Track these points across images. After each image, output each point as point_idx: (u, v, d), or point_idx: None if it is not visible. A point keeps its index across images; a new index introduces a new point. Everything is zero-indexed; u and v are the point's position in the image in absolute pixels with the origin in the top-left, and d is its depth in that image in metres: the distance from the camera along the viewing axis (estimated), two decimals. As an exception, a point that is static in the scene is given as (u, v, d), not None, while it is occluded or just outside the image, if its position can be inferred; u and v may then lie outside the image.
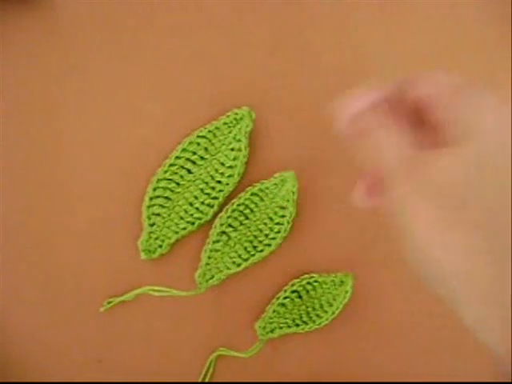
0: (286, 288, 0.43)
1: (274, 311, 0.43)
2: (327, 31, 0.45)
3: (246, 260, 0.43)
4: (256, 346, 0.43)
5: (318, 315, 0.43)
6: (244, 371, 0.44)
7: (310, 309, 0.43)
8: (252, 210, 0.43)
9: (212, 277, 0.43)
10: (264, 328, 0.43)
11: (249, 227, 0.43)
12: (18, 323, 0.42)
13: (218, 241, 0.43)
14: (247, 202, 0.43)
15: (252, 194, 0.43)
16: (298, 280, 0.43)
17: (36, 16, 0.43)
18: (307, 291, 0.43)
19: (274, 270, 0.44)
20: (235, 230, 0.43)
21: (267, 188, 0.43)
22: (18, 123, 0.43)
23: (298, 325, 0.43)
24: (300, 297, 0.43)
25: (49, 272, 0.43)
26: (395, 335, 0.44)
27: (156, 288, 0.43)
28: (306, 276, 0.43)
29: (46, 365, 0.43)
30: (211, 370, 0.43)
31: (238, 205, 0.43)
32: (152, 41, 0.44)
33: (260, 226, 0.43)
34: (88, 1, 0.44)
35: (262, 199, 0.43)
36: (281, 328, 0.43)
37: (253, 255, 0.43)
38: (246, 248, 0.43)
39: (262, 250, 0.43)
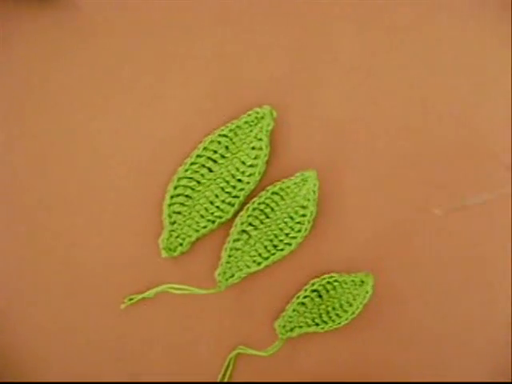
0: (306, 287, 0.43)
1: (294, 310, 0.43)
2: (349, 30, 0.45)
3: (266, 259, 0.43)
4: (275, 345, 0.43)
5: (337, 315, 0.43)
6: (263, 370, 0.44)
7: (329, 308, 0.43)
8: (273, 209, 0.43)
9: (232, 275, 0.43)
10: (284, 327, 0.43)
11: (269, 226, 0.43)
12: (37, 320, 0.43)
13: (238, 239, 0.43)
14: (268, 201, 0.43)
15: (273, 193, 0.43)
16: (318, 279, 0.43)
17: (56, 16, 0.44)
18: (327, 291, 0.43)
19: (294, 269, 0.44)
20: (256, 228, 0.43)
21: (288, 187, 0.43)
22: (39, 122, 0.44)
23: (317, 324, 0.43)
24: (320, 296, 0.43)
25: (69, 269, 0.43)
26: (415, 336, 0.44)
27: (176, 286, 0.43)
28: (326, 276, 0.43)
29: (65, 362, 0.43)
30: (230, 368, 0.43)
31: (259, 203, 0.43)
32: (173, 39, 0.44)
33: (281, 225, 0.43)
34: (109, 0, 0.44)
35: (282, 198, 0.43)
36: (300, 327, 0.43)
37: (273, 254, 0.43)
38: (266, 247, 0.43)
39: (282, 249, 0.43)
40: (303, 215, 0.43)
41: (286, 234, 0.43)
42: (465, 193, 0.44)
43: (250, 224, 0.43)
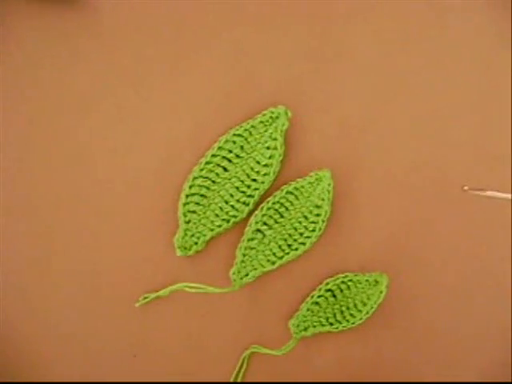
0: (320, 287, 0.43)
1: (308, 310, 0.43)
2: (364, 29, 0.45)
3: (280, 258, 0.43)
4: (289, 344, 0.43)
5: (351, 314, 0.43)
6: (276, 369, 0.44)
7: (343, 308, 0.43)
8: (287, 209, 0.43)
9: (247, 274, 0.43)
10: (298, 326, 0.43)
11: (284, 225, 0.43)
12: (53, 317, 0.43)
13: (253, 239, 0.43)
14: (283, 201, 0.43)
15: (287, 193, 0.43)
16: (332, 279, 0.43)
17: (77, 16, 0.44)
18: (341, 290, 0.43)
19: (308, 268, 0.44)
20: (270, 228, 0.43)
21: (302, 186, 0.43)
22: (57, 121, 0.44)
23: (331, 324, 0.43)
24: (334, 296, 0.43)
25: (85, 268, 0.44)
26: (428, 336, 0.44)
27: (191, 285, 0.43)
28: (341, 275, 0.43)
29: (79, 361, 0.43)
30: (244, 367, 0.43)
31: (274, 203, 0.43)
32: (189, 40, 0.44)
33: (295, 225, 0.43)
34: (129, 2, 0.44)
35: (297, 198, 0.43)
36: (314, 326, 0.43)
37: (287, 253, 0.43)
38: (280, 246, 0.43)
39: (296, 249, 0.43)
40: (317, 215, 0.43)
41: (301, 234, 0.43)
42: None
43: (265, 223, 0.43)
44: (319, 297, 0.43)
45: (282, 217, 0.43)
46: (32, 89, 0.44)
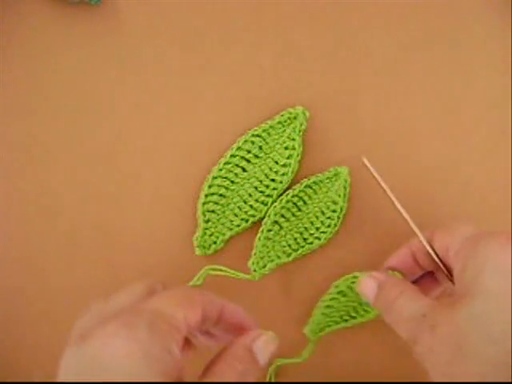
0: (330, 291, 0.44)
1: (323, 314, 0.44)
2: (382, 31, 0.46)
3: (295, 250, 0.44)
4: (308, 348, 0.43)
5: (365, 310, 0.44)
6: (294, 369, 0.44)
7: (356, 304, 0.44)
8: (305, 202, 0.44)
9: (264, 266, 0.43)
10: (313, 330, 0.44)
11: (301, 219, 0.44)
12: (73, 317, 0.41)
13: (270, 230, 0.44)
14: (301, 194, 0.44)
15: (306, 186, 0.44)
16: (340, 281, 0.44)
17: (98, 18, 0.45)
18: (351, 289, 0.44)
19: (320, 267, 0.45)
20: (287, 220, 0.44)
21: (321, 181, 0.44)
22: (78, 122, 0.45)
23: (345, 320, 0.44)
24: (345, 295, 0.44)
25: (105, 267, 0.43)
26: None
27: (214, 267, 0.43)
28: (349, 276, 0.44)
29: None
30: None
31: (292, 196, 0.44)
32: (209, 41, 0.45)
33: (312, 219, 0.44)
34: (151, 1, 0.45)
35: (315, 192, 0.44)
36: (329, 326, 0.44)
37: (302, 247, 0.44)
38: (296, 239, 0.44)
39: (311, 243, 0.44)
40: (334, 211, 0.44)
41: (317, 228, 0.44)
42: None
43: (283, 216, 0.44)
44: (331, 299, 0.44)
45: (299, 210, 0.44)
46: (54, 90, 0.44)
